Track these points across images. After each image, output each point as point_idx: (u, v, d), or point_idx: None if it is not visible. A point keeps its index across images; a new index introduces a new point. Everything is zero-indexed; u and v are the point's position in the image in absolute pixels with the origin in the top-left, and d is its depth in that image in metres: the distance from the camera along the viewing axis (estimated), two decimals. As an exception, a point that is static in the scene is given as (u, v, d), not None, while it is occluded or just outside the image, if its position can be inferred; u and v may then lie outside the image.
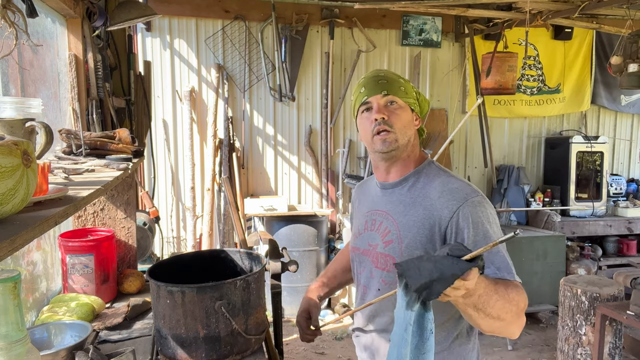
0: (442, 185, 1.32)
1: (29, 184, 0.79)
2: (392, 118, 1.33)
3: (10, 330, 0.89)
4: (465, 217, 1.24)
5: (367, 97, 1.36)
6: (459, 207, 1.25)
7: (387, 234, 1.35)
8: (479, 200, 1.27)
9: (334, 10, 4.75)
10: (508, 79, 4.26)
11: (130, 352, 1.37)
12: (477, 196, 1.28)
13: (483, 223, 1.24)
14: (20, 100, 1.42)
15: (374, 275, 1.39)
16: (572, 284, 3.21)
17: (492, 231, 1.24)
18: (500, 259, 1.22)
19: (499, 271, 1.20)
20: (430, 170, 1.38)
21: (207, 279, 1.53)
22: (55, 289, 2.16)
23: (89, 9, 2.51)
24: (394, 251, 1.32)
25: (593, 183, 5.22)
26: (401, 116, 1.34)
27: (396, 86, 1.35)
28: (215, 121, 4.57)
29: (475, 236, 1.22)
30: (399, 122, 1.33)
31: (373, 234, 1.40)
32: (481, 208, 1.26)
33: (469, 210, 1.24)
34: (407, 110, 1.36)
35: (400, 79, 1.38)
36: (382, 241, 1.36)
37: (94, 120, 2.49)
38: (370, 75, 1.40)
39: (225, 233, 4.70)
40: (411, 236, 1.30)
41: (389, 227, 1.36)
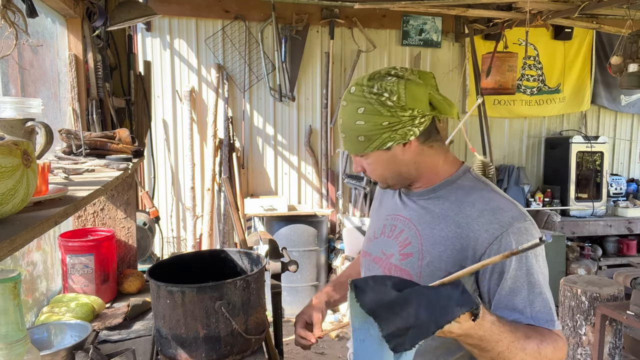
0: (483, 202, 1.11)
1: (29, 184, 0.79)
2: (367, 170, 1.20)
3: (10, 330, 0.89)
4: (509, 246, 1.04)
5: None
6: (502, 232, 1.05)
7: (407, 246, 1.17)
8: (527, 227, 1.07)
9: (334, 10, 4.75)
10: (508, 79, 4.26)
11: (130, 352, 1.37)
12: (525, 221, 1.08)
13: (528, 257, 1.05)
14: (20, 100, 1.42)
15: None
16: (572, 284, 3.21)
17: (537, 267, 1.06)
18: (541, 302, 1.04)
19: (537, 321, 1.03)
20: (466, 181, 1.18)
21: (207, 279, 1.52)
22: (55, 289, 2.16)
23: (89, 9, 2.51)
24: (412, 267, 1.14)
25: (593, 183, 5.22)
26: (375, 169, 1.18)
27: (353, 140, 1.14)
28: (215, 121, 4.58)
29: (517, 270, 1.04)
30: (376, 174, 1.20)
31: (390, 241, 1.23)
32: (528, 237, 1.06)
33: (514, 239, 1.04)
34: (381, 157, 1.15)
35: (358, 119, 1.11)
36: (400, 252, 1.18)
37: (94, 120, 2.49)
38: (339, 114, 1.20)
39: (225, 233, 4.70)
40: (436, 254, 1.11)
41: (410, 238, 1.17)
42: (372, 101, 1.10)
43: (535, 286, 1.05)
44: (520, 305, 1.05)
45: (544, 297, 1.05)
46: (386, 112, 1.09)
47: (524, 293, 1.05)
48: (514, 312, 1.05)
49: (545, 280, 1.08)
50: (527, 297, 1.04)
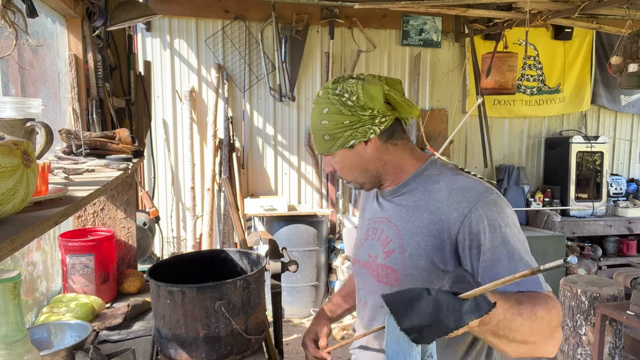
0: (449, 183, 1.16)
1: (29, 184, 0.79)
2: (338, 170, 1.25)
3: (10, 330, 0.89)
4: (480, 219, 1.08)
5: None
6: (471, 208, 1.09)
7: (389, 243, 1.21)
8: (494, 199, 1.11)
9: (334, 10, 4.75)
10: (508, 79, 4.26)
11: (130, 352, 1.37)
12: (491, 194, 1.12)
13: (501, 226, 1.08)
14: (20, 100, 1.42)
15: (375, 290, 1.25)
16: (572, 284, 3.21)
17: (512, 235, 1.08)
18: (524, 267, 1.04)
19: (525, 285, 1.04)
20: (434, 170, 1.23)
21: (207, 279, 1.53)
22: (55, 289, 2.16)
23: (89, 9, 2.51)
24: (396, 262, 1.18)
25: (593, 183, 5.22)
26: (342, 168, 1.24)
27: (320, 140, 1.22)
28: (215, 121, 4.57)
29: (493, 241, 1.07)
30: (346, 172, 1.25)
31: (374, 243, 1.27)
32: (497, 208, 1.10)
33: (484, 212, 1.08)
34: (346, 155, 1.21)
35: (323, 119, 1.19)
36: (383, 251, 1.22)
37: (94, 120, 2.49)
38: None
39: (225, 233, 4.70)
40: (414, 244, 1.15)
41: (391, 236, 1.21)
42: (335, 102, 1.17)
43: (514, 253, 1.06)
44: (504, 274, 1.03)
45: (525, 262, 1.06)
46: (347, 112, 1.17)
47: (505, 262, 1.06)
48: None
49: (524, 246, 1.09)
50: (508, 266, 1.05)
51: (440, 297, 0.82)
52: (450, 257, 1.12)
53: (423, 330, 0.81)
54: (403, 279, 1.17)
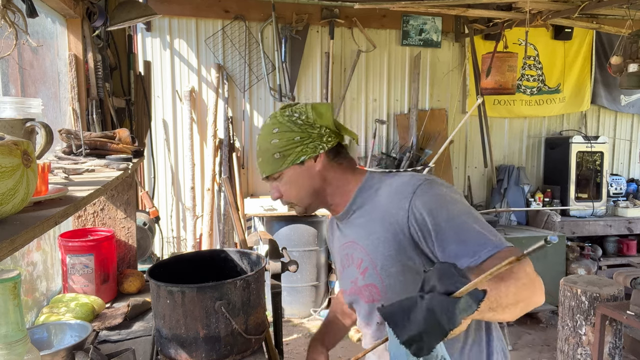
0: (388, 187, 1.22)
1: (29, 184, 0.79)
2: (285, 194, 1.29)
3: (10, 330, 0.89)
4: (419, 208, 1.12)
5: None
6: (410, 201, 1.14)
7: (361, 263, 1.25)
8: (427, 185, 1.16)
9: (334, 10, 4.75)
10: (508, 79, 4.26)
11: (130, 352, 1.37)
12: (423, 183, 1.16)
13: (441, 206, 1.12)
14: (20, 100, 1.42)
15: (369, 311, 1.29)
16: (572, 284, 3.21)
17: (454, 209, 1.12)
18: (475, 235, 1.07)
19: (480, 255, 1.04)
20: (373, 180, 1.29)
21: (207, 279, 1.53)
22: (55, 289, 2.16)
23: (89, 9, 2.51)
24: (373, 278, 1.22)
25: (593, 183, 5.22)
26: (290, 188, 1.27)
27: (269, 159, 1.26)
28: (215, 121, 4.57)
29: (438, 224, 1.10)
30: (294, 194, 1.28)
31: (351, 269, 1.31)
32: (432, 191, 1.15)
33: (420, 201, 1.13)
34: (296, 170, 1.25)
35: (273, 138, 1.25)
36: (360, 273, 1.26)
37: (94, 120, 2.49)
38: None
39: (225, 233, 4.70)
40: (380, 255, 1.19)
41: (360, 256, 1.26)
42: (285, 121, 1.25)
43: (461, 226, 1.09)
44: (459, 249, 1.07)
45: (474, 229, 1.08)
46: (297, 129, 1.24)
47: (457, 237, 1.08)
48: (460, 259, 1.06)
49: (468, 215, 1.11)
50: (461, 239, 1.07)
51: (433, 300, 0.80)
52: (414, 254, 1.15)
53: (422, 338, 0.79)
54: (384, 291, 1.20)
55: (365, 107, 5.04)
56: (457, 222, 1.10)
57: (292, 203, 1.31)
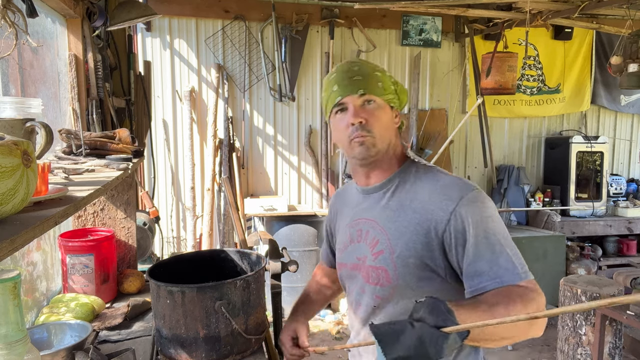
0: (432, 183, 1.19)
1: (29, 184, 0.79)
2: (370, 121, 1.19)
3: (10, 330, 0.89)
4: (464, 217, 1.11)
5: (341, 96, 1.20)
6: (455, 207, 1.12)
7: (376, 244, 1.22)
8: (474, 195, 1.14)
9: (334, 10, 4.75)
10: (508, 79, 4.26)
11: (130, 352, 1.37)
12: (472, 191, 1.15)
13: (484, 221, 1.11)
14: (20, 100, 1.42)
15: (365, 290, 1.26)
16: (572, 284, 3.21)
17: (493, 229, 1.11)
18: (505, 260, 1.08)
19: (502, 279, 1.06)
20: (416, 168, 1.26)
21: (207, 279, 1.53)
22: (55, 289, 2.16)
23: (89, 9, 2.51)
24: (386, 262, 1.19)
25: (593, 183, 5.22)
26: (380, 117, 1.21)
27: (373, 82, 1.20)
28: (215, 121, 4.58)
29: (476, 237, 1.10)
30: (378, 125, 1.20)
31: (360, 245, 1.27)
32: (479, 204, 1.14)
33: (467, 209, 1.12)
34: (387, 109, 1.22)
35: (377, 71, 1.23)
36: (372, 253, 1.23)
37: (94, 120, 2.49)
38: (344, 70, 1.23)
39: (225, 233, 4.70)
40: (403, 244, 1.17)
41: (377, 236, 1.22)
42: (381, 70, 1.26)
43: (495, 246, 1.09)
44: (485, 267, 1.08)
45: (506, 253, 1.09)
46: (390, 83, 1.24)
47: (487, 256, 1.08)
48: (481, 276, 1.08)
49: (504, 237, 1.12)
50: (490, 259, 1.08)
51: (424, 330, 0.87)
52: (439, 255, 1.15)
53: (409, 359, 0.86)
54: (395, 278, 1.18)
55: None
56: (493, 241, 1.10)
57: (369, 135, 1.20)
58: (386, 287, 1.20)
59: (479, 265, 1.09)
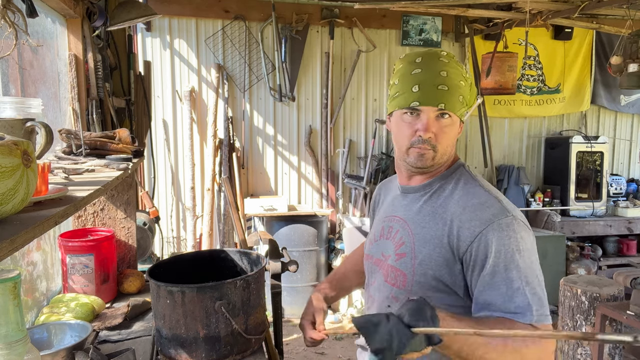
0: (467, 198, 1.13)
1: (29, 184, 0.79)
2: (439, 137, 1.15)
3: (10, 330, 0.89)
4: (489, 244, 1.05)
5: (418, 103, 1.12)
6: (482, 230, 1.06)
7: (401, 246, 1.20)
8: (508, 222, 1.07)
9: (334, 10, 4.75)
10: (508, 79, 4.25)
11: (130, 352, 1.37)
12: (506, 217, 1.07)
13: (508, 252, 1.04)
14: (20, 100, 1.42)
15: (382, 289, 1.25)
16: (572, 284, 3.20)
17: (517, 261, 1.04)
18: (520, 298, 1.02)
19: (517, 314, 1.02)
20: (459, 176, 1.20)
21: (207, 279, 1.53)
22: (55, 289, 2.16)
23: (89, 9, 2.51)
24: (406, 267, 1.17)
25: (593, 183, 5.22)
26: (449, 134, 1.16)
27: (456, 96, 1.13)
28: (215, 121, 4.58)
29: (495, 266, 1.04)
30: (445, 141, 1.16)
31: (388, 242, 1.26)
32: (509, 232, 1.06)
33: (494, 235, 1.05)
34: (456, 124, 1.17)
35: (462, 79, 1.15)
36: (395, 253, 1.21)
37: (94, 120, 2.49)
38: (430, 70, 1.14)
39: (225, 233, 4.70)
40: (426, 253, 1.14)
41: (404, 238, 1.20)
42: (464, 72, 1.19)
43: (514, 281, 1.04)
44: (497, 300, 1.04)
45: (524, 291, 1.03)
46: (469, 88, 1.18)
47: (502, 289, 1.04)
48: (488, 308, 1.05)
49: (529, 274, 1.05)
50: (505, 293, 1.04)
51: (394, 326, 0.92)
52: (459, 274, 1.11)
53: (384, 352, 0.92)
54: (411, 284, 1.16)
55: (365, 107, 5.04)
56: (513, 276, 1.04)
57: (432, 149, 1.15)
58: (402, 290, 1.18)
59: (490, 297, 1.05)
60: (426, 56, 1.17)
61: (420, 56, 1.17)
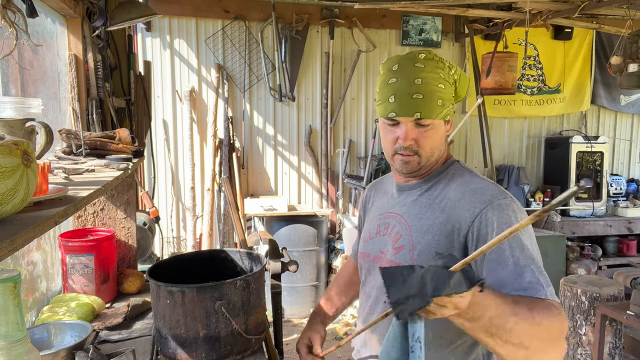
0: (464, 185, 1.15)
1: (29, 184, 0.79)
2: (420, 143, 1.15)
3: (10, 330, 0.89)
4: (490, 221, 1.06)
5: (395, 114, 1.13)
6: (483, 209, 1.07)
7: (399, 239, 1.20)
8: (507, 202, 1.09)
9: (334, 10, 4.75)
10: (508, 79, 4.25)
11: (130, 352, 1.37)
12: (504, 198, 1.10)
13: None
14: (20, 100, 1.42)
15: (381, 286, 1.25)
16: (572, 284, 3.21)
17: (520, 239, 1.04)
18: (530, 275, 1.01)
19: (527, 292, 0.99)
20: (454, 170, 1.22)
21: (207, 279, 1.53)
22: (55, 289, 2.16)
23: (89, 9, 2.51)
24: (405, 259, 1.16)
25: (593, 183, 5.22)
26: (432, 137, 1.15)
27: (433, 102, 1.12)
28: (215, 121, 4.58)
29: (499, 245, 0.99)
30: (428, 146, 1.16)
31: (385, 238, 1.25)
32: (509, 212, 1.07)
33: (495, 214, 1.06)
34: (441, 127, 1.16)
35: (440, 82, 1.13)
36: (393, 247, 1.21)
37: (94, 120, 2.49)
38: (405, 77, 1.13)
39: (225, 233, 4.70)
40: (425, 242, 1.14)
41: (401, 232, 1.20)
42: (446, 71, 1.15)
43: (520, 259, 1.02)
44: (509, 277, 1.01)
45: (531, 269, 1.01)
46: (451, 87, 1.17)
47: (511, 266, 1.02)
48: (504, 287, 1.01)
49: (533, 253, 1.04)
50: (513, 270, 1.01)
51: (430, 269, 0.80)
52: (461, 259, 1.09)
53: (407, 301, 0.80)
54: None
55: (365, 107, 5.04)
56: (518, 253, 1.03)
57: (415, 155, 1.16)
58: None
59: (501, 275, 1.02)
60: (403, 62, 1.15)
61: (397, 63, 1.16)
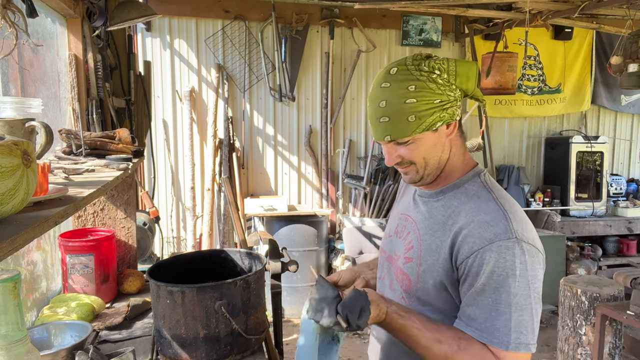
0: (474, 212, 1.08)
1: (29, 184, 0.79)
2: (407, 156, 1.12)
3: (10, 330, 0.89)
4: (486, 262, 1.02)
5: (373, 138, 1.19)
6: (480, 248, 1.03)
7: (410, 250, 1.19)
8: (509, 245, 1.02)
9: (334, 10, 4.75)
10: (508, 79, 4.25)
11: (130, 352, 1.37)
12: (508, 239, 1.02)
13: (502, 275, 1.01)
14: (20, 100, 1.42)
15: (394, 287, 1.24)
16: (572, 284, 3.21)
17: (509, 285, 1.01)
18: (503, 322, 1.01)
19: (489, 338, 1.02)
20: (473, 186, 1.15)
21: (207, 279, 1.53)
22: (55, 289, 2.16)
23: (89, 9, 2.51)
24: (411, 272, 1.17)
25: (593, 183, 5.22)
26: (418, 149, 1.11)
27: (402, 121, 1.08)
28: (215, 121, 4.58)
29: (486, 285, 1.02)
30: (418, 155, 1.12)
31: (400, 241, 1.25)
32: (507, 255, 1.01)
33: (492, 256, 1.02)
34: (426, 137, 1.10)
35: (409, 98, 1.07)
36: (404, 256, 1.21)
37: (94, 120, 2.49)
38: (372, 102, 1.12)
39: (225, 233, 4.70)
40: (430, 262, 1.13)
41: (413, 242, 1.19)
42: (424, 79, 1.07)
43: (500, 305, 1.02)
44: (480, 317, 1.04)
45: (508, 317, 1.01)
46: (438, 90, 1.07)
47: (486, 309, 1.03)
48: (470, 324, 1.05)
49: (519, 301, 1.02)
50: (488, 314, 1.02)
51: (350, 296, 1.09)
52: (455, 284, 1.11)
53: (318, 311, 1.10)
54: (415, 290, 1.17)
55: (365, 107, 5.02)
56: (501, 299, 1.02)
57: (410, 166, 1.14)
58: (409, 293, 1.18)
59: (475, 313, 1.04)
60: (374, 84, 1.15)
61: (373, 84, 1.16)
